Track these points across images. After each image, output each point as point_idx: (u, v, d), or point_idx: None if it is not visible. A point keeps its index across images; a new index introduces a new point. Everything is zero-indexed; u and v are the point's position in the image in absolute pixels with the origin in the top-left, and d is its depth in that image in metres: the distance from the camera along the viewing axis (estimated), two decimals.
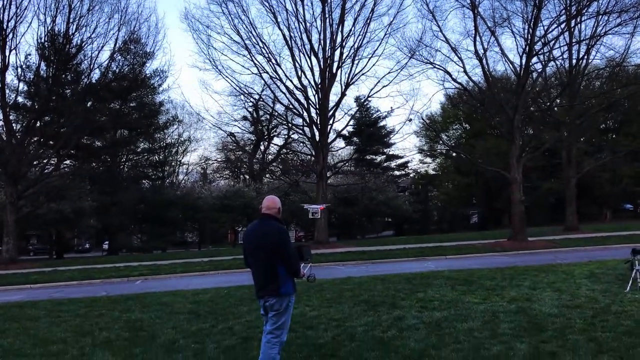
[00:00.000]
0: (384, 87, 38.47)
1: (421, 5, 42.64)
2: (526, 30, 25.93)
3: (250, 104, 41.83)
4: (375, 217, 50.43)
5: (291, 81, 31.02)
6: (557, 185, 44.00)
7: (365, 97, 37.52)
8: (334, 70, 30.84)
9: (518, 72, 26.69)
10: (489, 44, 27.27)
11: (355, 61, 30.88)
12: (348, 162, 49.78)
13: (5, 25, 27.10)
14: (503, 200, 42.31)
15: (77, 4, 27.98)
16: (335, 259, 20.85)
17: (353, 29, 30.56)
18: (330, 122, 31.56)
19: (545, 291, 9.99)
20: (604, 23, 27.46)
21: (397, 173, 58.02)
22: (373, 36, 40.94)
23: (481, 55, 26.24)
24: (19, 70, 30.19)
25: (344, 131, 44.80)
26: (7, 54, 27.61)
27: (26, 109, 34.29)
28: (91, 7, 28.50)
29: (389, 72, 31.39)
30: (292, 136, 48.12)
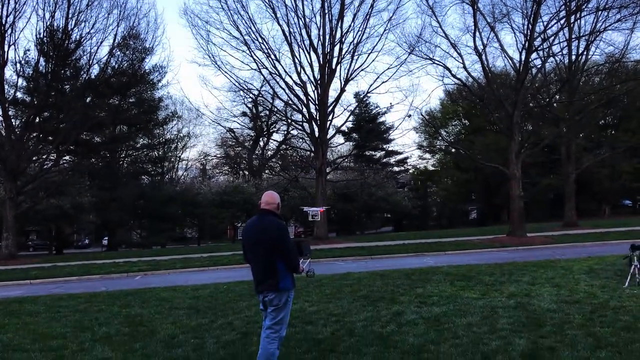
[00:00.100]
0: (383, 82, 38.67)
1: (421, 0, 42.61)
2: (526, 26, 25.91)
3: (250, 99, 41.89)
4: (375, 212, 50.52)
5: (290, 77, 31.02)
6: (556, 181, 44.07)
7: (365, 93, 37.56)
8: (334, 66, 30.81)
9: (517, 68, 26.66)
10: (489, 39, 27.29)
11: (355, 57, 30.90)
12: (347, 158, 49.81)
13: (4, 21, 27.10)
14: (502, 196, 42.37)
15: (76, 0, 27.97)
16: (335, 254, 20.87)
17: (352, 24, 30.55)
18: (330, 118, 31.57)
19: (544, 287, 10.01)
20: (603, 19, 27.43)
21: (396, 169, 58.10)
22: (372, 32, 41.25)
23: (480, 51, 26.24)
24: (18, 65, 30.24)
25: (344, 127, 44.80)
26: (5, 50, 27.63)
27: (25, 104, 34.25)
28: (90, 3, 28.54)
29: (388, 68, 31.47)
30: (291, 132, 48.19)
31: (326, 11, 30.13)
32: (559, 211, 36.10)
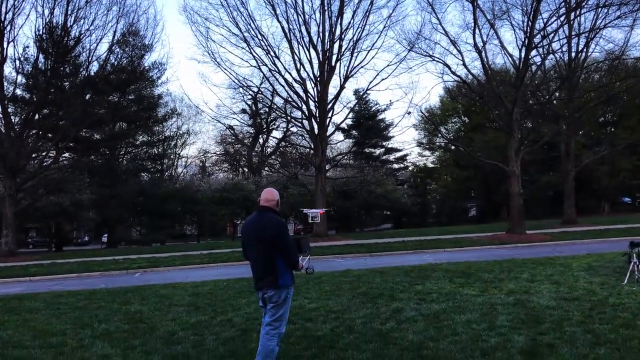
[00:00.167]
0: (382, 80, 38.50)
1: None
2: (525, 23, 25.88)
3: (249, 96, 41.82)
4: (374, 210, 50.51)
5: (290, 74, 30.97)
6: (555, 178, 44.06)
7: (364, 90, 37.50)
8: (333, 63, 30.76)
9: (517, 65, 26.64)
10: (488, 36, 27.25)
11: (355, 54, 30.82)
12: (347, 155, 49.76)
13: (3, 18, 27.05)
14: (501, 193, 42.37)
15: None
16: (334, 251, 20.89)
17: (352, 21, 30.48)
18: (329, 115, 31.51)
19: (543, 284, 10.03)
20: (603, 16, 27.39)
21: (395, 166, 58.03)
22: (372, 29, 40.98)
23: (480, 48, 26.20)
24: (17, 62, 30.21)
25: (343, 124, 44.82)
26: (5, 47, 27.60)
27: (24, 101, 34.21)
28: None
29: (388, 65, 31.36)
30: (291, 129, 48.07)
31: (326, 8, 30.10)
32: (558, 208, 36.09)
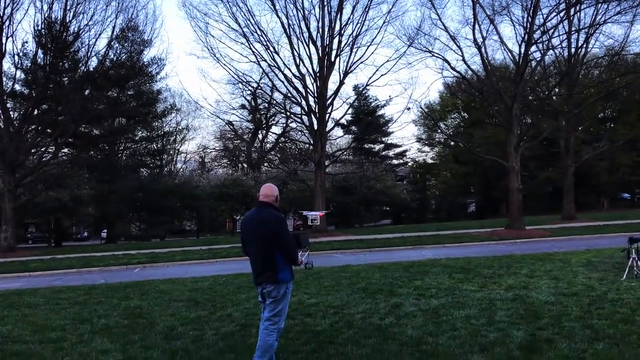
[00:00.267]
0: (382, 75, 38.63)
1: None
2: (525, 19, 25.83)
3: (249, 92, 41.79)
4: (374, 205, 50.53)
5: (289, 69, 30.88)
6: (554, 174, 44.07)
7: (364, 86, 37.44)
8: (333, 59, 30.67)
9: (517, 60, 26.59)
10: (488, 32, 27.20)
11: (354, 49, 30.71)
12: (346, 151, 49.71)
13: (1, 13, 26.96)
14: (501, 189, 42.40)
15: None
16: (333, 247, 20.90)
17: (352, 16, 30.36)
18: (329, 110, 31.45)
19: (542, 279, 10.05)
20: (603, 11, 27.34)
21: (395, 162, 58.06)
22: (372, 24, 40.99)
23: (480, 44, 26.15)
24: (16, 57, 30.15)
25: (343, 120, 44.64)
26: (3, 42, 27.54)
27: (23, 97, 34.14)
28: None
29: (387, 61, 31.48)
30: (290, 125, 47.98)
31: (325, 3, 29.97)
32: (558, 204, 36.11)
